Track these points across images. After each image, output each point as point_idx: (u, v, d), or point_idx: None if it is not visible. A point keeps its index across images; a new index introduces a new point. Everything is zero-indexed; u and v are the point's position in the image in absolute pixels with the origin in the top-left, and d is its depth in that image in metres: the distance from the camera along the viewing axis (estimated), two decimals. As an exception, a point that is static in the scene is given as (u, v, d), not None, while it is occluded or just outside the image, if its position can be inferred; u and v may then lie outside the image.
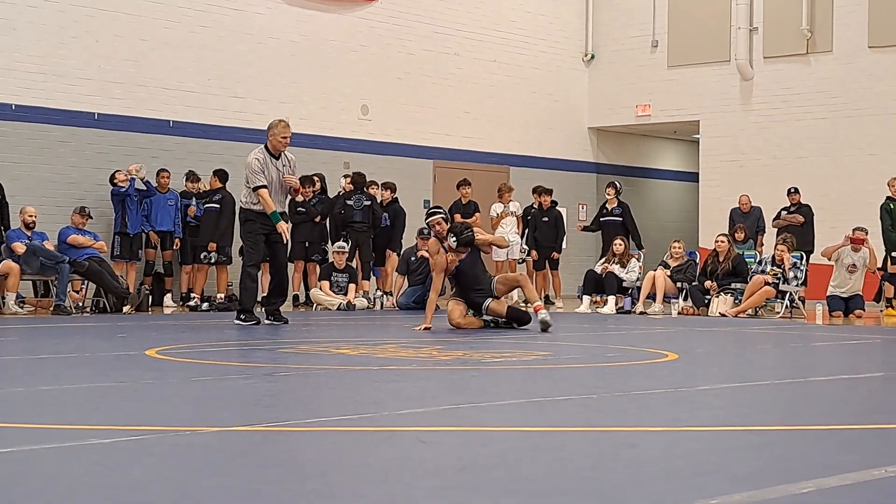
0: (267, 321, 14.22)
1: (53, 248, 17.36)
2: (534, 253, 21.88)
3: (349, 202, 20.06)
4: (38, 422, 5.74)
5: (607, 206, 21.94)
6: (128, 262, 18.82)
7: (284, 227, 13.98)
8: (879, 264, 20.01)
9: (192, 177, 19.75)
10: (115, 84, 19.94)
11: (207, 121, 20.97)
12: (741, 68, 25.16)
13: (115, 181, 18.72)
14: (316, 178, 20.51)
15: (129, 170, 18.79)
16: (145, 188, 18.92)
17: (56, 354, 10.12)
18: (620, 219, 21.73)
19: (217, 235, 19.39)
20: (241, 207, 14.39)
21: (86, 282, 17.74)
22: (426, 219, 14.55)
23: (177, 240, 19.45)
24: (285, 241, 14.16)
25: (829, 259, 19.30)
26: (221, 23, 21.28)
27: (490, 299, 13.61)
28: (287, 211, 15.30)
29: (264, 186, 13.78)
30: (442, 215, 14.19)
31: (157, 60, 20.45)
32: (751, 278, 18.54)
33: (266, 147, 14.03)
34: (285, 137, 13.98)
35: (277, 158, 13.99)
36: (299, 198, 19.67)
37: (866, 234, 19.43)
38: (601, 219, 21.88)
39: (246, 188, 14.05)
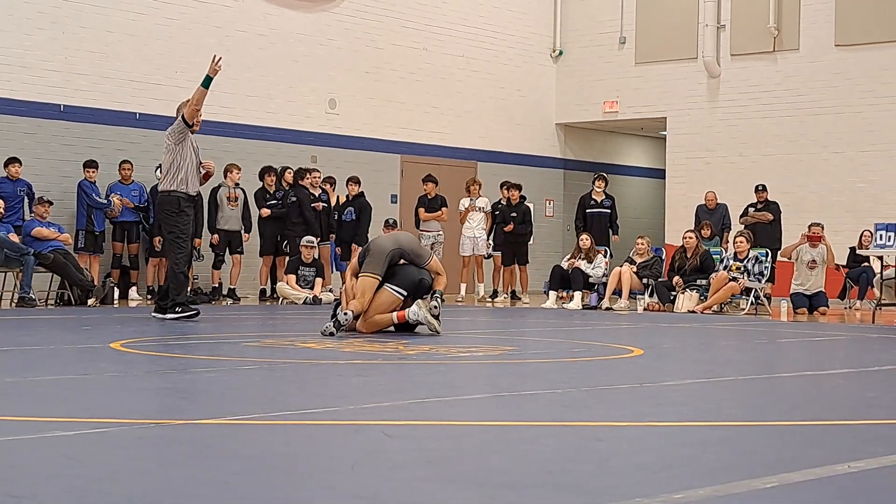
0: (155, 315, 13.51)
1: (18, 240, 17.28)
2: (496, 256, 21.95)
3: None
4: (2, 414, 5.71)
5: (594, 197, 21.88)
6: (91, 254, 18.78)
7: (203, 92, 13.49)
8: (837, 260, 20.12)
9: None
10: (81, 76, 19.85)
11: (174, 113, 20.80)
12: (708, 66, 25.24)
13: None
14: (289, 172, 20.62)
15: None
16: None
17: (20, 346, 10.08)
18: (609, 210, 21.75)
19: (199, 230, 19.39)
20: (165, 192, 13.54)
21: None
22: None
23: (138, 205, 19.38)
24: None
25: (789, 258, 19.42)
26: (188, 15, 21.20)
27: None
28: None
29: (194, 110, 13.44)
30: None
31: (123, 52, 20.36)
32: (716, 275, 18.63)
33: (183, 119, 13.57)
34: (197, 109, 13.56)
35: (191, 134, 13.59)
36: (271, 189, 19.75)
37: (822, 229, 19.58)
38: (587, 210, 21.81)
39: (171, 174, 13.46)
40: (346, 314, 11.21)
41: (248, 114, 21.89)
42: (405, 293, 11.56)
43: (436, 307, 11.57)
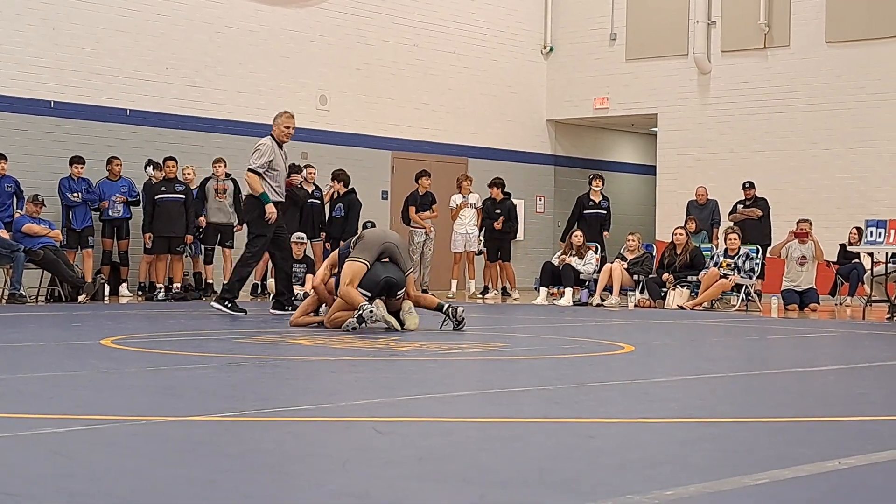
0: (276, 311, 14.65)
1: (9, 236, 17.27)
2: (484, 252, 21.98)
3: None
4: (-7, 411, 5.71)
5: (592, 198, 21.72)
6: (81, 249, 18.68)
7: (273, 210, 14.24)
8: (826, 256, 20.12)
9: (157, 166, 19.61)
10: (72, 72, 19.82)
11: (164, 110, 20.86)
12: (699, 62, 25.25)
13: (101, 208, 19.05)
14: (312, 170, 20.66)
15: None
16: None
17: (11, 343, 10.06)
18: (605, 211, 21.63)
19: (190, 226, 19.40)
20: (253, 195, 14.43)
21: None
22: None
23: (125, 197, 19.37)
24: (271, 222, 14.35)
25: (779, 256, 19.43)
26: (179, 11, 21.17)
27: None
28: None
29: (258, 173, 14.21)
30: None
31: (113, 49, 20.33)
32: (706, 271, 18.65)
33: (272, 136, 14.45)
34: (288, 127, 14.43)
35: (281, 148, 14.45)
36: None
37: (810, 225, 19.61)
38: (584, 211, 21.64)
39: (263, 179, 14.30)
40: (371, 311, 11.29)
41: (238, 110, 21.86)
42: (369, 294, 11.64)
43: (460, 309, 11.89)
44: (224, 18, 21.80)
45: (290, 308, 14.50)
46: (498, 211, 21.69)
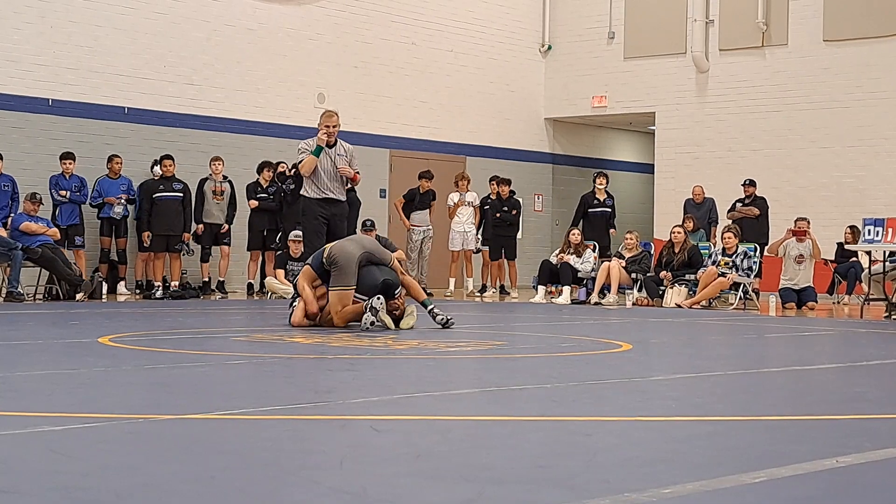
0: None
1: (6, 234, 17.26)
2: (485, 251, 21.98)
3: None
4: (-11, 408, 5.70)
5: (597, 196, 21.72)
6: (68, 248, 18.63)
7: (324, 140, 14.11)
8: (824, 255, 20.14)
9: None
10: (70, 70, 19.80)
11: (162, 108, 20.84)
12: (697, 61, 25.25)
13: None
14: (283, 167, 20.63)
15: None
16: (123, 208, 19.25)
17: (8, 341, 10.05)
18: (610, 209, 21.64)
19: (188, 225, 19.44)
20: (303, 197, 14.33)
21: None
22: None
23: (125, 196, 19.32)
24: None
25: (777, 255, 19.44)
26: (177, 9, 21.16)
27: None
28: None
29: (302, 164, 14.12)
30: None
31: (111, 47, 20.31)
32: (704, 270, 18.65)
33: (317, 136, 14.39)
34: (327, 126, 14.30)
35: (332, 147, 14.27)
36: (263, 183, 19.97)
37: (808, 224, 19.61)
38: (589, 210, 21.65)
39: (305, 182, 14.21)
40: (379, 299, 11.39)
41: (236, 108, 21.86)
42: (366, 298, 11.64)
43: (440, 315, 11.87)
44: (222, 16, 21.79)
45: None
46: (505, 208, 21.73)
